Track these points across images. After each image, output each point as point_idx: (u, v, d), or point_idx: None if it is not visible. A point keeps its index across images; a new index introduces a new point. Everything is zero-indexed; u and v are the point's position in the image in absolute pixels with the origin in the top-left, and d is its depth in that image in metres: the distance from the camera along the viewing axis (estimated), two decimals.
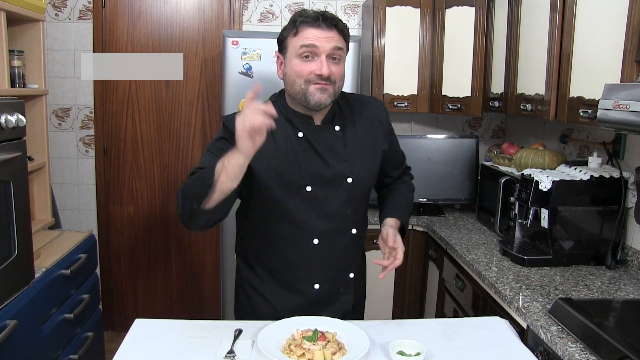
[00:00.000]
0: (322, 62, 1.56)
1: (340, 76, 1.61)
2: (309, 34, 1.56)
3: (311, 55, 1.57)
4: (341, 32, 1.59)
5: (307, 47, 1.56)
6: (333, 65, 1.58)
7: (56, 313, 2.29)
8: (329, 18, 1.57)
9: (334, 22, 1.57)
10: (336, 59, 1.59)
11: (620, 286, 2.02)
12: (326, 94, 1.58)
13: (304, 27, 1.57)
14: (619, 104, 1.61)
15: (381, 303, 3.11)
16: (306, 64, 1.58)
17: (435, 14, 3.14)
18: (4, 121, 1.93)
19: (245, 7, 3.47)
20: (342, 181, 1.67)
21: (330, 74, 1.57)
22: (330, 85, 1.58)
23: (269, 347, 1.45)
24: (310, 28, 1.56)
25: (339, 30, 1.58)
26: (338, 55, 1.59)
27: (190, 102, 3.53)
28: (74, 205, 3.57)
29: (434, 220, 3.06)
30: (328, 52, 1.56)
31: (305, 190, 1.64)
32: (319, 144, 1.66)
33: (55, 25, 3.38)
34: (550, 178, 2.21)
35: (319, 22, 1.56)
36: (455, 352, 1.52)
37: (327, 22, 1.56)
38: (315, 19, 1.56)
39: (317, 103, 1.59)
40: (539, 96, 2.36)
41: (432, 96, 3.22)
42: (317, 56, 1.57)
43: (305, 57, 1.57)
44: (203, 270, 3.72)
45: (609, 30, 1.90)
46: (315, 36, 1.55)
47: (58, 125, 3.48)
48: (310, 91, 1.58)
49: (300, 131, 1.65)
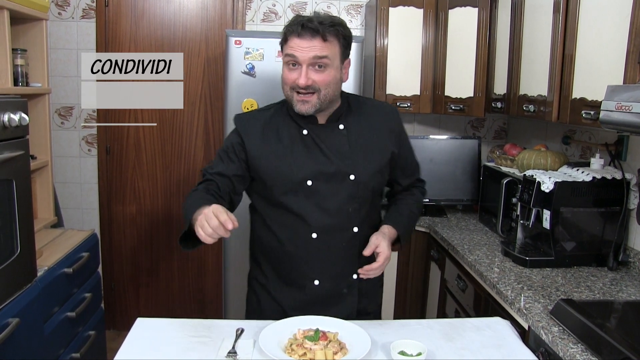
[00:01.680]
0: (301, 72, 1.60)
1: (325, 83, 1.62)
2: (293, 43, 1.60)
3: (295, 64, 1.62)
4: (326, 38, 1.59)
5: (289, 56, 1.62)
6: (316, 73, 1.61)
7: (58, 311, 2.29)
8: (312, 27, 1.57)
9: (317, 29, 1.57)
10: (321, 67, 1.61)
11: (621, 287, 2.02)
12: (307, 105, 1.63)
13: (289, 35, 1.61)
14: (622, 106, 1.61)
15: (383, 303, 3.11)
16: (291, 73, 1.63)
17: (438, 14, 3.14)
18: (7, 120, 1.93)
19: (248, 7, 3.47)
20: (344, 178, 1.69)
21: (312, 82, 1.60)
22: (312, 94, 1.62)
23: (271, 346, 1.46)
24: (294, 37, 1.60)
25: (323, 37, 1.59)
26: (322, 63, 1.60)
27: (193, 102, 3.53)
28: (76, 204, 3.58)
29: (436, 221, 3.06)
30: (308, 62, 1.59)
31: (306, 184, 1.67)
32: (323, 141, 1.70)
33: (59, 24, 3.39)
34: (552, 179, 2.21)
35: (301, 30, 1.58)
36: (457, 352, 1.52)
37: (309, 31, 1.58)
38: (297, 28, 1.58)
39: (300, 111, 1.65)
40: (542, 97, 2.36)
41: (435, 97, 3.22)
42: (300, 65, 1.61)
43: (291, 66, 1.63)
44: (205, 269, 3.72)
45: (612, 31, 1.90)
46: (298, 45, 1.59)
47: (61, 124, 3.49)
48: (294, 100, 1.64)
49: (305, 129, 1.71)
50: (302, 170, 1.67)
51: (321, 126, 1.72)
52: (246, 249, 1.95)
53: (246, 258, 1.96)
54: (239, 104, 2.81)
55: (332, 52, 1.61)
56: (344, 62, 1.69)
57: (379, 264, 1.64)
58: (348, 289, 1.79)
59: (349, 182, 1.70)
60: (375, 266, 1.64)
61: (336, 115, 1.73)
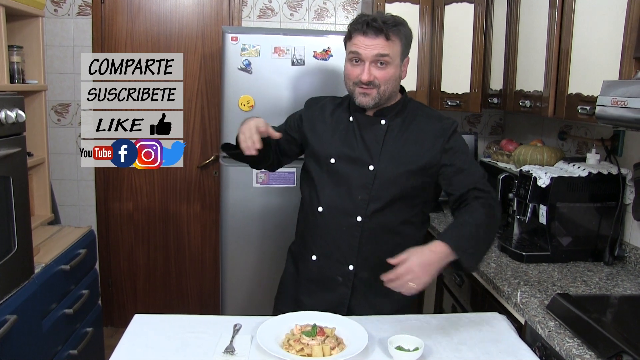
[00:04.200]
0: (364, 69, 1.70)
1: (385, 79, 1.72)
2: (357, 41, 1.71)
3: (358, 60, 1.72)
4: (389, 37, 1.68)
5: (353, 53, 1.72)
6: (378, 70, 1.71)
7: (56, 308, 2.29)
8: (376, 26, 1.67)
9: (381, 29, 1.67)
10: (383, 64, 1.70)
11: (617, 282, 2.03)
12: (368, 98, 1.73)
13: (354, 33, 1.72)
14: (617, 101, 1.62)
15: None
16: (354, 68, 1.74)
17: (435, 10, 3.14)
18: (3, 117, 1.93)
19: (244, 3, 3.46)
20: (364, 166, 1.77)
21: (374, 78, 1.71)
22: (372, 89, 1.72)
23: (268, 342, 1.46)
24: (359, 35, 1.70)
25: (386, 36, 1.68)
26: (384, 60, 1.70)
27: (189, 98, 3.52)
28: (73, 201, 3.58)
29: (432, 216, 3.06)
30: (371, 59, 1.70)
31: (329, 161, 1.81)
32: (361, 129, 1.81)
33: (54, 21, 3.38)
34: (548, 174, 2.22)
35: (366, 29, 1.68)
36: (454, 347, 1.53)
37: (374, 30, 1.67)
38: (362, 26, 1.68)
39: (361, 104, 1.76)
40: (538, 93, 2.36)
41: (431, 92, 3.22)
42: (362, 62, 1.71)
43: (354, 62, 1.73)
44: (202, 265, 3.72)
45: (608, 27, 1.90)
46: (362, 43, 1.69)
47: (57, 121, 3.48)
48: (356, 93, 1.75)
49: (352, 116, 1.84)
50: (331, 148, 1.81)
51: (366, 117, 1.82)
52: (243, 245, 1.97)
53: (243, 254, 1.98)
54: (235, 101, 2.81)
55: (393, 51, 1.71)
56: (404, 60, 1.78)
57: (395, 272, 1.47)
58: (343, 278, 1.81)
59: (366, 172, 1.76)
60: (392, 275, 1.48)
61: (385, 111, 1.80)
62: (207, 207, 3.64)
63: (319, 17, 3.49)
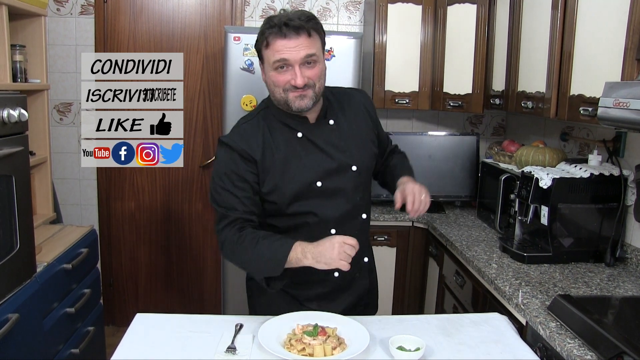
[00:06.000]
0: (295, 73, 1.58)
1: (317, 77, 1.62)
2: (279, 46, 1.57)
3: (285, 66, 1.59)
4: (310, 34, 1.59)
5: (279, 61, 1.58)
6: (308, 70, 1.60)
7: (57, 307, 2.30)
8: (296, 24, 1.56)
9: (301, 26, 1.57)
10: (310, 63, 1.60)
11: (619, 283, 2.03)
12: (306, 99, 1.62)
13: (272, 38, 1.58)
14: (620, 102, 1.62)
15: (381, 299, 3.06)
16: (282, 75, 1.60)
17: (437, 11, 3.14)
18: (6, 116, 1.94)
19: (247, 3, 3.47)
20: (347, 170, 1.73)
21: (307, 79, 1.60)
22: (308, 89, 1.61)
23: (270, 341, 1.46)
24: (278, 39, 1.57)
25: (307, 32, 1.58)
26: (312, 60, 1.60)
27: (191, 98, 3.53)
28: (75, 200, 3.58)
29: (434, 217, 3.07)
30: (300, 62, 1.58)
31: (316, 185, 1.68)
32: (319, 140, 1.71)
33: (57, 20, 3.39)
34: (550, 175, 2.22)
35: (285, 31, 1.56)
36: (455, 347, 1.53)
37: (293, 30, 1.56)
38: (280, 29, 1.56)
39: (299, 108, 1.63)
40: (540, 94, 2.36)
41: (433, 93, 3.22)
42: (290, 66, 1.59)
43: (280, 69, 1.60)
44: (204, 265, 3.73)
45: (610, 28, 1.90)
46: (285, 47, 1.57)
47: (59, 121, 3.49)
48: (290, 99, 1.62)
49: (299, 131, 1.70)
50: (309, 173, 1.68)
51: (313, 125, 1.71)
52: None
53: None
54: (237, 100, 2.81)
55: (317, 47, 1.62)
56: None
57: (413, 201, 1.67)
58: (360, 272, 1.84)
59: (352, 174, 1.74)
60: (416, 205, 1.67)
61: (323, 112, 1.75)
62: (208, 206, 3.64)
63: (321, 18, 3.48)
